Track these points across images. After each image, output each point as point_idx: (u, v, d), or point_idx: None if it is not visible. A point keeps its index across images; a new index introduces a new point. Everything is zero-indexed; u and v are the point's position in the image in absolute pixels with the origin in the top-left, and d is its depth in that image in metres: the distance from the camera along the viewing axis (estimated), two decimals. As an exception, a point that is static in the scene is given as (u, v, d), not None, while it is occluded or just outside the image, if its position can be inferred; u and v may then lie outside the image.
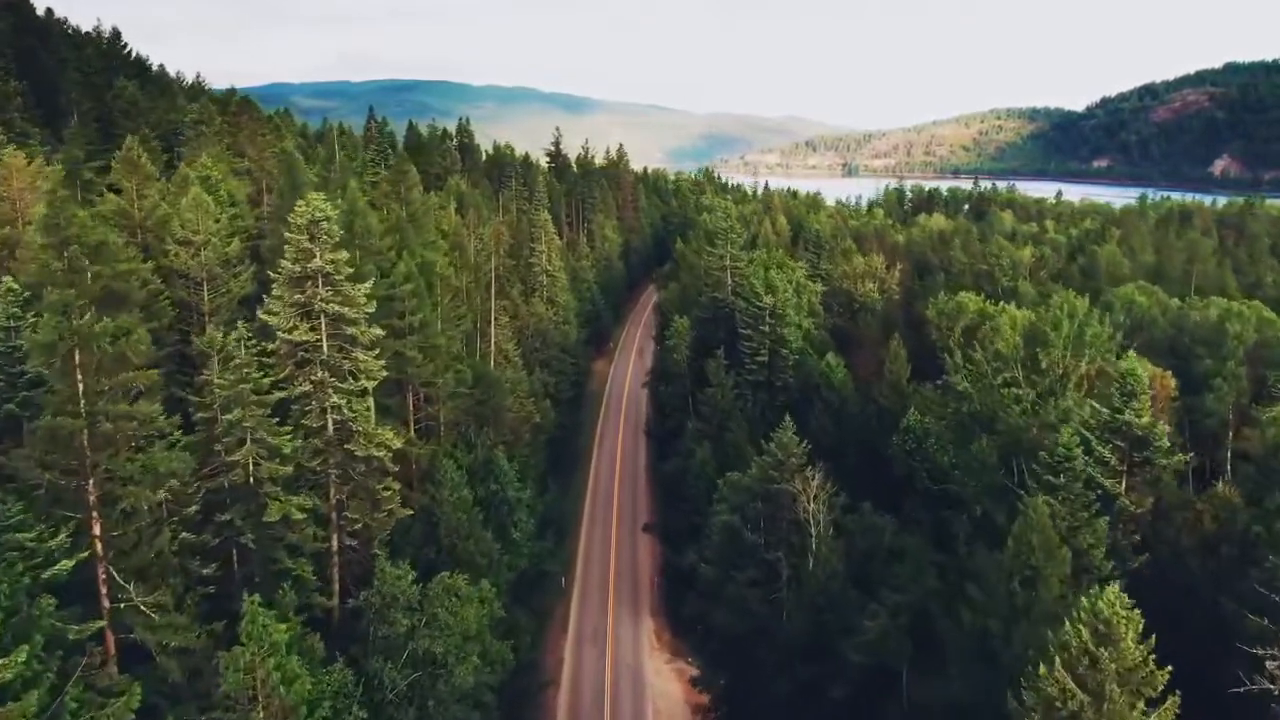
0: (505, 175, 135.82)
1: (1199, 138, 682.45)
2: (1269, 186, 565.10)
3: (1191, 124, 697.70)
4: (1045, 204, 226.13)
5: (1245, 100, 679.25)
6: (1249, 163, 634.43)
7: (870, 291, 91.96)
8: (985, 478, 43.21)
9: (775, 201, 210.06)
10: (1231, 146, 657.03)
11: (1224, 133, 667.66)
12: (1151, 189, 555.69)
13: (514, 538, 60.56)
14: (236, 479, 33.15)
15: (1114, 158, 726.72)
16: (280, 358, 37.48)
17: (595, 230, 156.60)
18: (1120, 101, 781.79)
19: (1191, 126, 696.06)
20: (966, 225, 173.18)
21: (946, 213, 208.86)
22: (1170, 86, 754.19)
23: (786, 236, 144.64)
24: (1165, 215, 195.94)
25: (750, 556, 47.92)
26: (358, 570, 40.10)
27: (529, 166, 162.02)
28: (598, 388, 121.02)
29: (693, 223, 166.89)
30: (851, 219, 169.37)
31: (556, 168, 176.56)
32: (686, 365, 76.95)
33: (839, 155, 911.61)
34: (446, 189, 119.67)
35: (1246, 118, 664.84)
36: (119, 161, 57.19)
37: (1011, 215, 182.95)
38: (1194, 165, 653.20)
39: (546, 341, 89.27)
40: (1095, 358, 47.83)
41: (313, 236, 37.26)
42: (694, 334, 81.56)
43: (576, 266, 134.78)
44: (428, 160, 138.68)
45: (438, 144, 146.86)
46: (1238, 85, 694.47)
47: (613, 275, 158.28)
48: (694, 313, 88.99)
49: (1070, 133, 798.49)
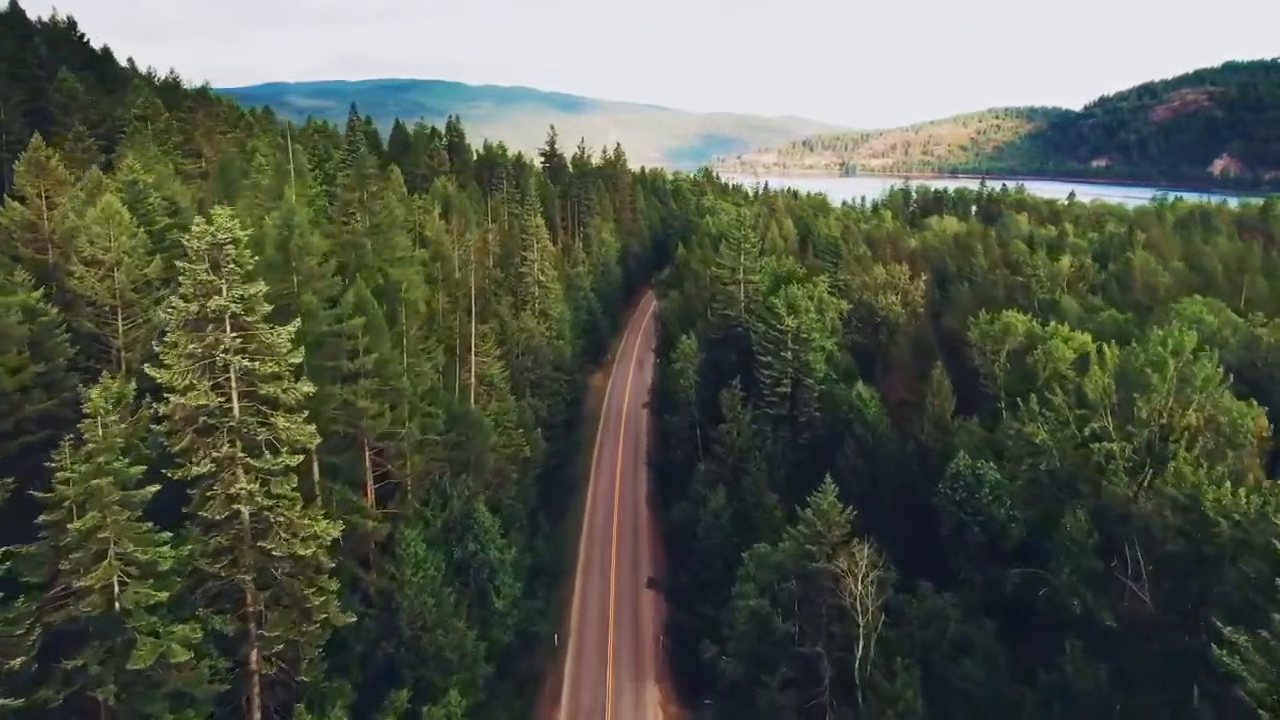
0: (496, 177, 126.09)
1: (1198, 137, 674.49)
2: (1269, 186, 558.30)
3: (1191, 123, 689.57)
4: (1057, 205, 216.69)
5: (1245, 99, 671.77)
6: (1249, 162, 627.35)
7: (893, 305, 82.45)
8: (1084, 562, 33.83)
9: (778, 203, 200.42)
10: (1231, 146, 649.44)
11: (1223, 132, 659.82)
12: (1152, 189, 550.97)
13: (496, 607, 51.10)
14: (92, 608, 23.57)
15: (1113, 157, 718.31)
16: (174, 426, 27.88)
17: (592, 234, 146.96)
18: (1119, 101, 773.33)
19: (1191, 126, 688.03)
20: (981, 229, 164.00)
21: (956, 214, 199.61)
22: (1169, 86, 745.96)
23: (794, 241, 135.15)
24: (1184, 217, 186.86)
25: (783, 650, 38.45)
26: (284, 696, 30.53)
27: (522, 167, 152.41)
28: (594, 405, 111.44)
29: (694, 226, 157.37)
30: (861, 222, 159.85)
31: (551, 168, 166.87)
32: (694, 393, 67.28)
33: (837, 155, 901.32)
34: (432, 192, 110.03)
35: (1246, 117, 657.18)
36: (23, 163, 47.50)
37: (1026, 218, 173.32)
38: (1193, 165, 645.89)
39: (538, 360, 79.64)
40: (1204, 404, 38.41)
41: (215, 265, 27.66)
42: (702, 356, 71.77)
43: (572, 274, 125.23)
44: (414, 161, 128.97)
45: (425, 144, 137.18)
46: (1237, 85, 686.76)
47: (610, 281, 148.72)
48: (701, 330, 79.09)
49: (1069, 132, 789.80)
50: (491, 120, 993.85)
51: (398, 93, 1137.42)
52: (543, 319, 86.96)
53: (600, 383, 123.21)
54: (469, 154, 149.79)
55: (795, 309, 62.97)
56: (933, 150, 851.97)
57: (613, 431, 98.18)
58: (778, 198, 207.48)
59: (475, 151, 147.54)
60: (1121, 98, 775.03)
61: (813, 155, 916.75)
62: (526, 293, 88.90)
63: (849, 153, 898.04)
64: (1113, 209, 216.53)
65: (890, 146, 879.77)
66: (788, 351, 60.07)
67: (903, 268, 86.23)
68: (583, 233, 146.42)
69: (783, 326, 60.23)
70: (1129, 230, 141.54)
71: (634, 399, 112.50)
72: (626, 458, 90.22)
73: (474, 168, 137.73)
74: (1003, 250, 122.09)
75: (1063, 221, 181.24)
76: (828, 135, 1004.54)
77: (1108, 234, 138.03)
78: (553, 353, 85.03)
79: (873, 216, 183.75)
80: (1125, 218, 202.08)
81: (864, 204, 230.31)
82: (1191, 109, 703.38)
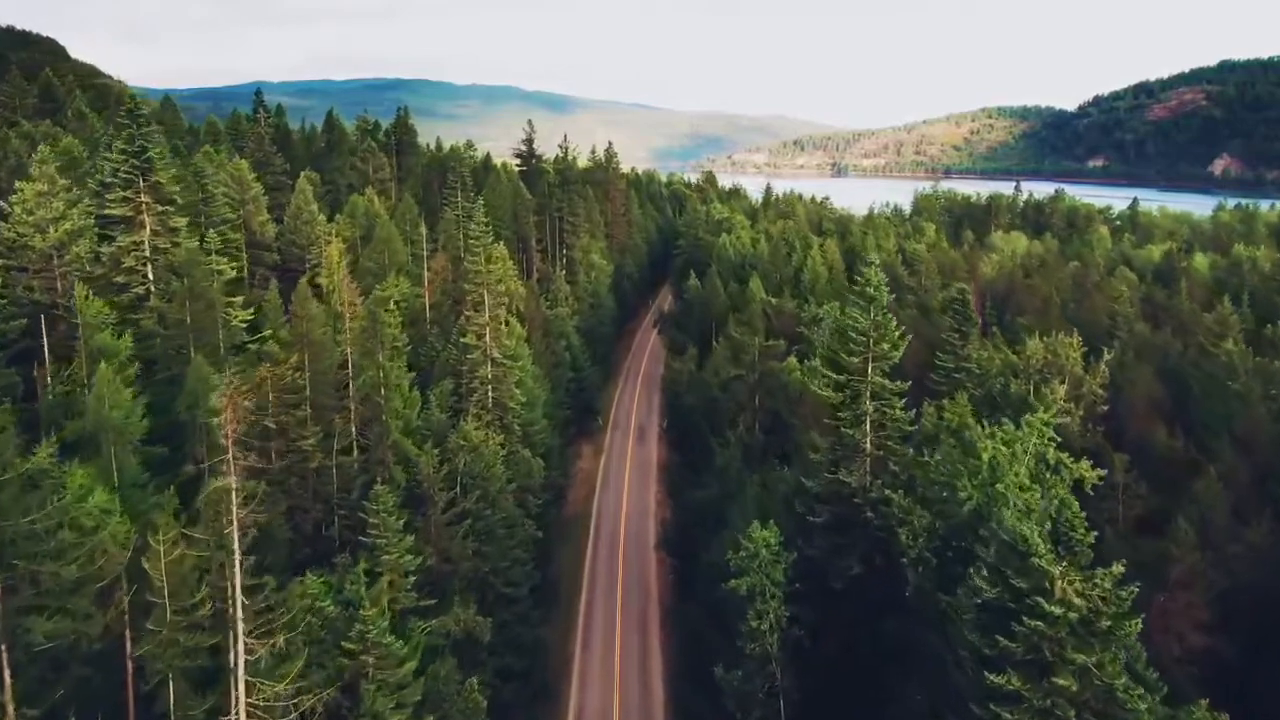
0: (449, 186, 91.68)
1: (1197, 137, 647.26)
2: (1273, 187, 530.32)
3: (1189, 123, 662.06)
4: (1111, 213, 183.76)
5: (1243, 99, 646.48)
6: (1250, 162, 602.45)
7: (1067, 410, 48.83)
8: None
9: (798, 211, 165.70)
10: (1231, 146, 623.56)
11: (1222, 132, 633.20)
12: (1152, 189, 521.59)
13: None
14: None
15: (1110, 157, 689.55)
16: None
17: (578, 258, 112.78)
18: (1114, 100, 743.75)
19: (1189, 125, 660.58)
20: (1054, 246, 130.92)
21: (1000, 224, 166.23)
22: (1165, 85, 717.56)
23: (841, 271, 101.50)
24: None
25: None
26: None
27: (489, 169, 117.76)
28: (577, 510, 77.34)
29: (705, 246, 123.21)
30: (910, 241, 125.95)
31: (528, 173, 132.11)
32: (776, 634, 32.65)
33: (828, 155, 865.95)
34: (346, 211, 75.88)
35: (1245, 116, 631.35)
36: None
37: (1108, 232, 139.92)
38: (1193, 164, 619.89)
39: (487, 529, 45.72)
40: None
41: None
42: (794, 560, 35.62)
43: (551, 317, 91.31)
44: (338, 168, 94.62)
45: (358, 144, 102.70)
46: (1235, 84, 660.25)
47: (601, 316, 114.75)
48: (780, 506, 42.68)
49: (1064, 132, 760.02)
50: (478, 120, 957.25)
51: (382, 92, 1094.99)
52: (500, 429, 52.99)
53: (589, 464, 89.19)
54: (422, 155, 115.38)
55: (999, 470, 29.21)
56: (926, 150, 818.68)
57: (603, 592, 62.02)
58: (796, 204, 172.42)
59: (428, 151, 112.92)
60: (1117, 97, 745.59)
61: (804, 155, 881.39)
62: (473, 381, 54.78)
63: (841, 152, 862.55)
64: (1177, 216, 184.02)
65: (882, 146, 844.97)
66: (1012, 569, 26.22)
67: (1073, 340, 52.51)
68: (565, 256, 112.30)
69: (1018, 538, 26.18)
70: (1261, 248, 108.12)
71: (636, 500, 78.61)
72: (630, 641, 55.68)
73: (421, 173, 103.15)
74: (1135, 289, 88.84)
75: (1156, 236, 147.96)
76: (818, 135, 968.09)
77: (1235, 257, 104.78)
78: (514, 483, 51.15)
79: (911, 228, 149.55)
80: (1198, 227, 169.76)
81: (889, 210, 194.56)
82: (1189, 108, 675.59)
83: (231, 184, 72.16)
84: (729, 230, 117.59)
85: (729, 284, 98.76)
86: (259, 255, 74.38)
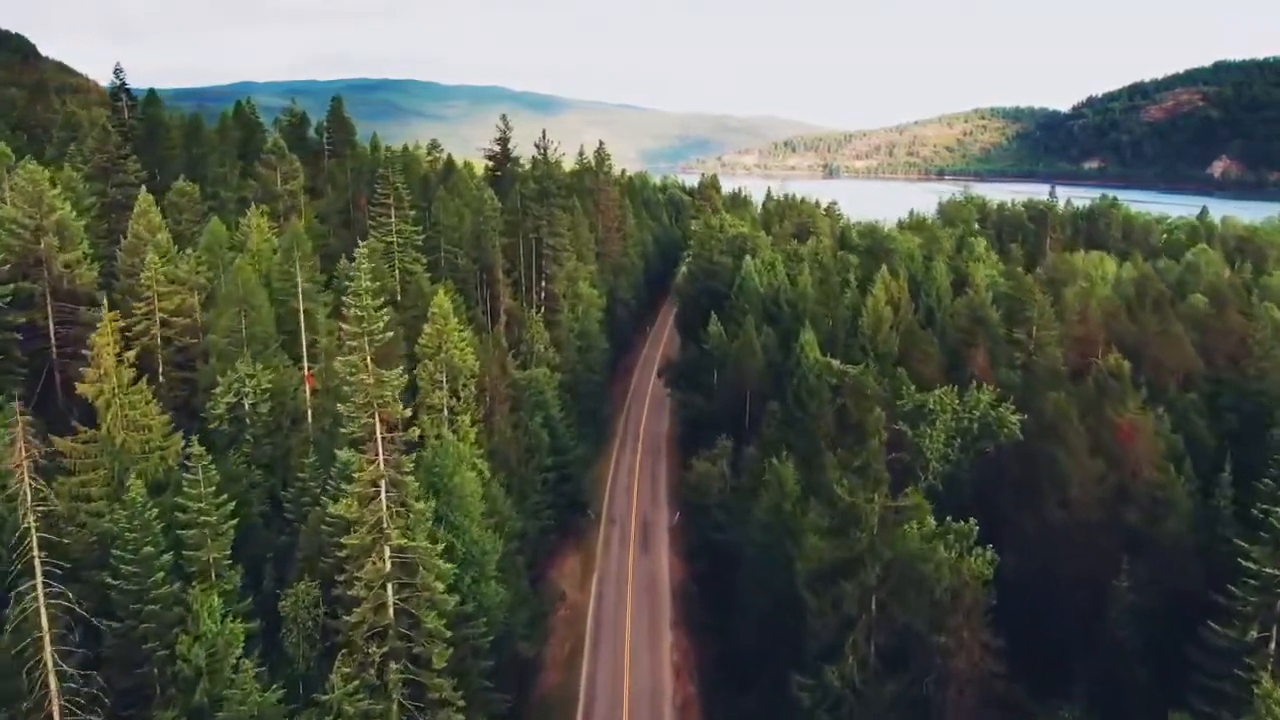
0: (378, 202, 64.67)
1: (1195, 138, 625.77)
2: (1275, 189, 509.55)
3: (1186, 124, 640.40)
4: (1171, 222, 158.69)
5: (1240, 100, 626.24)
6: (1250, 163, 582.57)
7: None
8: None
9: (820, 225, 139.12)
10: (1230, 147, 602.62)
11: (1221, 133, 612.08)
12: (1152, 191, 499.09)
13: None
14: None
15: (1106, 158, 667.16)
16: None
17: (561, 290, 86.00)
18: (1109, 101, 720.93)
19: (1186, 126, 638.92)
20: (1148, 270, 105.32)
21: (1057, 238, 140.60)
22: (1160, 85, 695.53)
23: (909, 312, 75.40)
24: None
25: None
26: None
27: (450, 173, 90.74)
28: (555, 690, 50.92)
29: (721, 271, 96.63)
30: (971, 261, 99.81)
31: (502, 180, 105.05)
32: None
33: (819, 156, 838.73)
34: (203, 244, 49.22)
35: (1244, 117, 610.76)
36: None
37: (1219, 254, 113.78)
38: (1191, 166, 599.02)
39: None
40: None
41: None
42: None
43: (522, 382, 64.77)
44: (220, 176, 67.61)
45: (268, 145, 75.66)
46: (1231, 84, 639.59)
47: (591, 361, 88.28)
48: None
49: (1057, 133, 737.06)
50: (466, 120, 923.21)
51: (370, 92, 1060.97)
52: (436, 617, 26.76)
53: (576, 592, 62.50)
54: (361, 159, 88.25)
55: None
56: (918, 151, 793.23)
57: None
58: (817, 217, 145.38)
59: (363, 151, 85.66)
60: (1111, 98, 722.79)
61: (795, 156, 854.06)
62: (353, 582, 28.46)
63: (832, 154, 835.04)
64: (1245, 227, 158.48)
65: (874, 147, 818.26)
66: None
67: None
68: (545, 288, 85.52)
69: None
70: None
71: (642, 683, 52.08)
72: None
73: (350, 182, 76.14)
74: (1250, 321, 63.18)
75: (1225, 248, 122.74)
76: (809, 135, 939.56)
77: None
78: None
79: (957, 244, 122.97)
80: (1272, 238, 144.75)
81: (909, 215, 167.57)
82: (1186, 109, 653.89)
83: (19, 202, 45.36)
84: (753, 252, 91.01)
85: (761, 329, 72.48)
86: (68, 312, 47.62)
